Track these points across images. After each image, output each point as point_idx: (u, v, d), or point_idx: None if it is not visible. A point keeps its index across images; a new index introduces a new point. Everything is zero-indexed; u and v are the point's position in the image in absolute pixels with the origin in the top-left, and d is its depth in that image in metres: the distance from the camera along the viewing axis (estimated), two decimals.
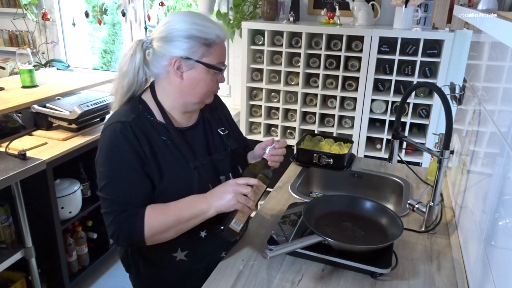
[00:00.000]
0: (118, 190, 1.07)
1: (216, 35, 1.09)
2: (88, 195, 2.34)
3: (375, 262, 1.11)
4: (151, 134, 1.11)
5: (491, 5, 1.17)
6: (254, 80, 2.82)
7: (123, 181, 1.07)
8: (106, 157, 1.08)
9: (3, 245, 1.97)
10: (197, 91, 1.13)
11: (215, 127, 1.27)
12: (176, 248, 1.18)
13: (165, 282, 1.24)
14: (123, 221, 1.06)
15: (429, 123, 2.47)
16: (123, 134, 1.07)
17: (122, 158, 1.07)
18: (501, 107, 1.02)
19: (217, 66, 1.11)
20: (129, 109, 1.14)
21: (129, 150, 1.07)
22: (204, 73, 1.10)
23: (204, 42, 1.08)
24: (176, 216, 1.06)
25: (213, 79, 1.13)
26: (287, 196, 1.58)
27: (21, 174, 1.77)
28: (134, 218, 1.05)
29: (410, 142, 1.41)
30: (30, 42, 3.75)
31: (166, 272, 1.22)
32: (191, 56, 1.08)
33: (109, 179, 1.07)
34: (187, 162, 1.14)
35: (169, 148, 1.13)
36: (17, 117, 2.27)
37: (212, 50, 1.09)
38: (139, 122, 1.11)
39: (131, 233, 1.06)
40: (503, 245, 0.85)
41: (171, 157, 1.12)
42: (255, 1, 2.86)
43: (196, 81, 1.11)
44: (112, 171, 1.07)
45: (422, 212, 1.35)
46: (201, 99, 1.15)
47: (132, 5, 3.37)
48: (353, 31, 2.45)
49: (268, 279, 1.12)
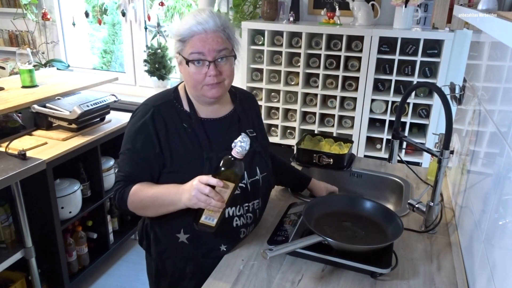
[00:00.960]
0: (126, 164, 1.23)
1: (190, 30, 1.15)
2: (88, 195, 2.34)
3: (375, 262, 1.11)
4: (173, 120, 1.22)
5: (491, 5, 1.17)
6: (254, 80, 2.82)
7: (131, 159, 1.22)
8: (127, 133, 1.24)
9: (3, 245, 1.97)
10: (189, 84, 1.21)
11: (245, 126, 1.30)
12: (179, 229, 1.24)
13: (168, 260, 1.30)
14: (118, 189, 1.22)
15: (429, 123, 2.47)
16: (143, 121, 1.20)
17: (139, 141, 1.20)
18: (501, 107, 1.02)
19: (187, 57, 1.16)
20: (162, 95, 1.28)
21: (147, 136, 1.20)
22: (186, 67, 1.18)
23: (179, 38, 1.17)
24: (152, 199, 1.17)
25: (198, 72, 1.16)
26: (287, 196, 1.58)
27: (21, 174, 1.77)
28: (124, 189, 1.21)
29: (410, 142, 1.41)
30: (30, 42, 3.75)
31: (169, 252, 1.29)
32: (179, 51, 1.19)
33: (124, 152, 1.24)
34: (201, 150, 1.21)
35: (188, 135, 1.22)
36: (17, 117, 2.27)
37: (186, 43, 1.16)
38: (164, 108, 1.23)
39: (119, 201, 1.22)
40: (503, 245, 0.85)
41: (188, 143, 1.21)
42: (255, 1, 2.86)
43: (185, 74, 1.20)
44: (126, 146, 1.23)
45: (422, 212, 1.35)
46: (199, 92, 1.20)
47: (132, 5, 3.37)
48: (353, 31, 2.45)
49: (268, 279, 1.12)
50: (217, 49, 1.15)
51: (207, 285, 1.10)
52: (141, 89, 3.56)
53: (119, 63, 4.99)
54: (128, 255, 2.72)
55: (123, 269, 2.58)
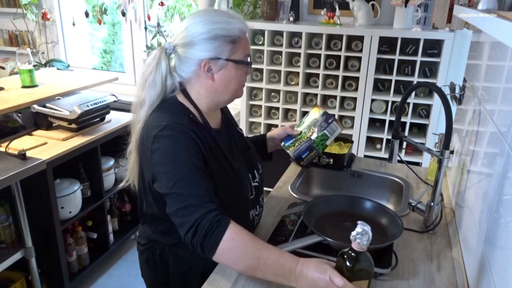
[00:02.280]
0: (192, 184, 0.99)
1: (239, 30, 1.08)
2: (88, 195, 2.34)
3: (375, 262, 1.10)
4: (203, 135, 1.08)
5: (491, 5, 1.17)
6: (254, 80, 2.82)
7: (195, 176, 1.00)
8: (172, 156, 1.02)
9: (3, 245, 1.97)
10: (230, 88, 1.13)
11: (235, 125, 1.30)
12: None
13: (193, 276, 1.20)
14: (206, 214, 0.96)
15: (429, 123, 2.47)
16: (185, 133, 1.04)
17: (189, 155, 1.02)
18: (501, 107, 1.02)
19: (245, 60, 1.11)
20: (174, 111, 1.09)
21: (194, 148, 1.04)
22: (234, 70, 1.10)
23: (229, 39, 1.07)
24: (260, 254, 0.93)
25: (243, 73, 1.13)
26: (287, 196, 1.58)
27: (21, 174, 1.77)
28: (218, 217, 0.95)
29: (410, 142, 1.41)
30: (30, 42, 3.75)
31: (195, 268, 1.19)
32: (219, 56, 1.07)
33: (181, 175, 1.00)
34: (230, 163, 1.14)
35: (216, 151, 1.11)
36: (17, 117, 2.27)
37: (238, 45, 1.09)
38: (192, 125, 1.07)
39: (211, 230, 0.94)
40: (503, 245, 0.85)
41: (220, 158, 1.11)
42: (255, 1, 2.87)
43: (228, 79, 1.11)
44: (181, 168, 1.00)
45: (422, 212, 1.35)
46: (233, 95, 1.15)
47: (132, 5, 3.37)
48: (353, 31, 2.45)
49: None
50: None
51: (207, 285, 1.10)
52: None
53: (119, 63, 4.99)
54: (128, 255, 2.72)
55: (123, 269, 2.58)
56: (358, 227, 0.88)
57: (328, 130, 1.39)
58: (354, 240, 0.88)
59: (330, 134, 1.40)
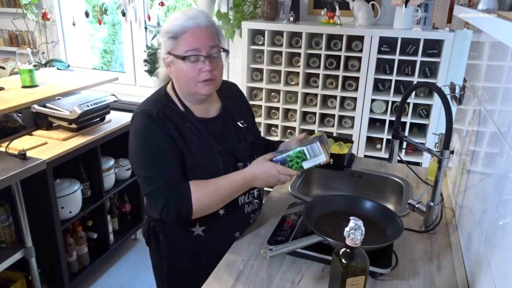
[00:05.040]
0: (160, 167, 1.16)
1: (182, 26, 1.14)
2: (88, 195, 2.34)
3: (375, 262, 1.10)
4: (177, 121, 1.20)
5: (491, 5, 1.17)
6: (254, 80, 2.82)
7: (163, 158, 1.16)
8: (142, 141, 1.17)
9: (3, 245, 1.97)
10: (183, 81, 1.19)
11: (236, 119, 1.33)
12: (195, 223, 1.26)
13: (182, 254, 1.31)
14: (170, 195, 1.14)
15: (429, 123, 2.47)
16: (152, 120, 1.17)
17: (157, 140, 1.16)
18: (501, 107, 1.02)
19: (184, 55, 1.14)
20: (155, 100, 1.24)
21: (161, 132, 1.17)
22: (180, 64, 1.16)
23: (171, 35, 1.15)
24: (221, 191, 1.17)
25: (191, 69, 1.16)
26: (287, 196, 1.58)
27: (21, 174, 1.77)
28: (181, 191, 1.15)
29: (410, 142, 1.41)
30: (30, 42, 3.75)
31: (183, 246, 1.30)
32: (168, 51, 1.17)
33: (150, 159, 1.16)
34: (210, 146, 1.22)
35: (195, 133, 1.22)
36: (17, 117, 2.27)
37: (179, 40, 1.15)
38: (165, 111, 1.20)
39: (180, 205, 1.14)
40: (503, 245, 0.85)
41: (197, 141, 1.21)
42: (255, 1, 2.86)
43: (178, 73, 1.18)
44: (150, 152, 1.16)
45: (422, 212, 1.35)
46: (192, 89, 1.19)
47: (132, 5, 3.37)
48: (353, 31, 2.45)
49: (268, 279, 1.12)
50: (210, 45, 1.16)
51: (207, 285, 1.10)
52: (141, 89, 3.56)
53: (119, 63, 4.98)
54: (128, 255, 2.72)
55: (123, 269, 2.58)
56: (351, 222, 0.89)
57: (308, 149, 1.17)
58: (348, 236, 0.89)
59: (308, 155, 1.17)
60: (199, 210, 1.17)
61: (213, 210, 1.21)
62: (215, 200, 1.18)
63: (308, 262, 1.18)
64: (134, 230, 2.76)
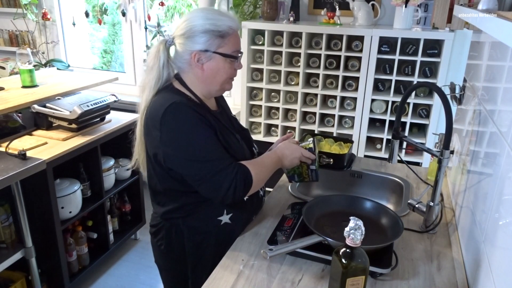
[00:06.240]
0: (218, 148, 1.19)
1: (228, 27, 1.20)
2: (88, 195, 2.34)
3: (375, 262, 1.10)
4: (201, 111, 1.21)
5: (491, 5, 1.17)
6: (254, 80, 2.82)
7: (215, 140, 1.19)
8: (190, 128, 1.17)
9: (3, 245, 1.97)
10: (218, 79, 1.25)
11: (228, 112, 1.43)
12: (222, 212, 1.29)
13: (208, 249, 1.31)
14: (237, 172, 1.17)
15: (429, 123, 2.47)
16: (189, 107, 1.18)
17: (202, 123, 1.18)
18: (501, 107, 1.02)
19: (232, 54, 1.22)
20: (173, 94, 1.22)
21: (200, 116, 1.18)
22: (222, 62, 1.22)
23: (218, 34, 1.19)
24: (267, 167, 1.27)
25: (231, 67, 1.25)
26: (287, 196, 1.58)
27: (21, 174, 1.77)
28: (242, 168, 1.19)
29: (410, 142, 1.41)
30: (30, 42, 3.75)
31: (209, 239, 1.31)
32: (208, 49, 1.20)
33: (205, 142, 1.18)
34: (233, 133, 1.30)
35: (217, 123, 1.25)
36: (17, 117, 2.27)
37: (226, 40, 1.21)
38: (189, 102, 1.21)
39: (245, 181, 1.19)
40: (503, 245, 0.85)
41: (222, 129, 1.26)
42: (255, 1, 2.87)
43: (216, 70, 1.23)
44: (204, 134, 1.18)
45: (422, 212, 1.35)
46: (222, 86, 1.27)
47: (132, 5, 3.37)
48: (353, 31, 2.45)
49: (268, 279, 1.12)
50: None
51: (207, 285, 1.10)
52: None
53: (119, 63, 4.98)
54: (128, 255, 2.72)
55: (123, 269, 2.58)
56: (351, 222, 0.89)
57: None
58: (348, 236, 0.89)
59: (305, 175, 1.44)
60: (255, 186, 1.23)
61: (260, 186, 1.29)
62: (265, 176, 1.26)
63: (308, 262, 1.18)
64: (134, 230, 2.76)
